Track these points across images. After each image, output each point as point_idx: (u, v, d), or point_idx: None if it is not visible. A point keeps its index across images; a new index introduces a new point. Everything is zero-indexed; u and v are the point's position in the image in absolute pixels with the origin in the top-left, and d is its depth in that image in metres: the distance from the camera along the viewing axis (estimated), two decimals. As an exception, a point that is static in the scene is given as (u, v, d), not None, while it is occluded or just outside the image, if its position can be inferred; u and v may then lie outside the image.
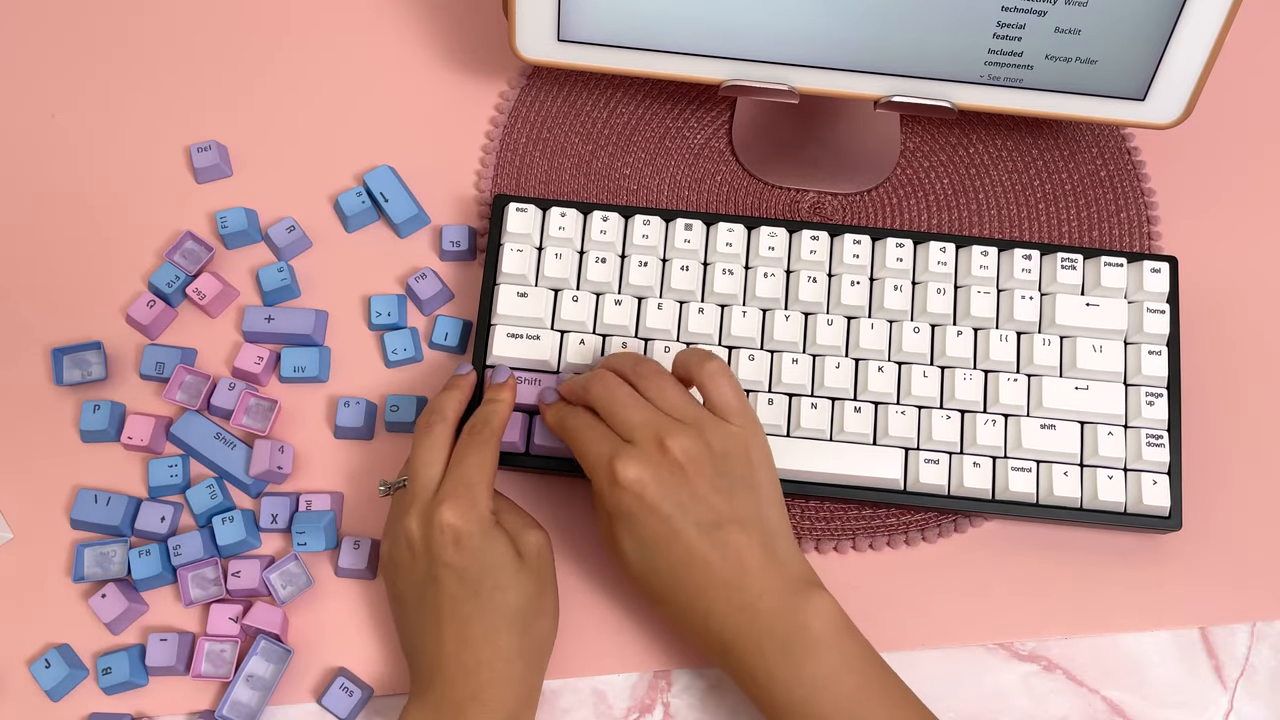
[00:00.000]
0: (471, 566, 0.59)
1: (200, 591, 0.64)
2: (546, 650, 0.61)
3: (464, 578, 0.59)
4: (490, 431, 0.62)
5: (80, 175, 0.75)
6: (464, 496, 0.59)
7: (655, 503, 0.58)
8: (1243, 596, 0.67)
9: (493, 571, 0.59)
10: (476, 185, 0.75)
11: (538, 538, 0.61)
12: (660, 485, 0.58)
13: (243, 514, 0.65)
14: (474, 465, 0.61)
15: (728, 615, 0.58)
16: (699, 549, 0.58)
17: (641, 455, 0.58)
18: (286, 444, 0.67)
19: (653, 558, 0.59)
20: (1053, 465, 0.66)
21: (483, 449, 0.61)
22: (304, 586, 0.64)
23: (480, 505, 0.60)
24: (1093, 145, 0.76)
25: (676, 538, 0.58)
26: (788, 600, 0.58)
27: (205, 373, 0.68)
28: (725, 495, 0.59)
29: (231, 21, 0.79)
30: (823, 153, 0.75)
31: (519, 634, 0.59)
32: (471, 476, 0.60)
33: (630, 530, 0.59)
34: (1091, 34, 0.65)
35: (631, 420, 0.59)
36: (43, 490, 0.68)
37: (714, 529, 0.58)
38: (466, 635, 0.58)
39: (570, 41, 0.68)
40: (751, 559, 0.58)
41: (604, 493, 0.59)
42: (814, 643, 0.57)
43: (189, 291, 0.70)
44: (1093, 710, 0.65)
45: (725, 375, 0.61)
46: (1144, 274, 0.68)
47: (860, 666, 0.58)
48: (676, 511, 0.58)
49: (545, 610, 0.61)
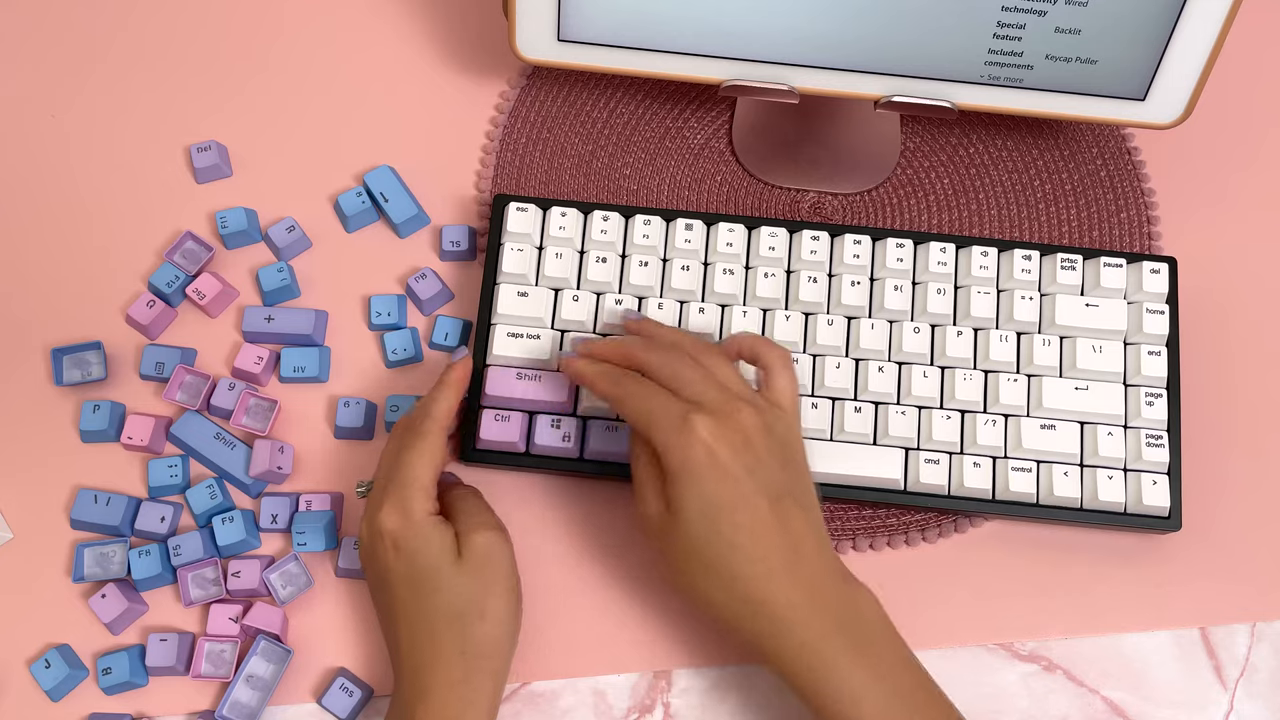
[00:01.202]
0: (409, 569, 0.59)
1: (200, 591, 0.64)
2: (496, 653, 0.59)
3: (405, 579, 0.59)
4: (430, 423, 0.61)
5: (80, 175, 0.75)
6: (396, 499, 0.59)
7: (728, 462, 0.57)
8: (1243, 596, 0.67)
9: (428, 573, 0.59)
10: (476, 185, 0.75)
11: (485, 539, 0.60)
12: (732, 446, 0.57)
13: (243, 514, 0.65)
14: (408, 464, 0.60)
15: (784, 589, 0.57)
16: (763, 513, 0.57)
17: (714, 414, 0.57)
18: (286, 444, 0.67)
19: (715, 518, 0.57)
20: (1053, 465, 0.66)
21: (418, 444, 0.61)
22: (304, 587, 0.64)
23: (414, 507, 0.59)
24: (1093, 145, 0.76)
25: (744, 498, 0.57)
26: (842, 584, 0.58)
27: (205, 373, 0.68)
28: (787, 473, 0.58)
29: (232, 22, 0.79)
30: (823, 153, 0.75)
31: (458, 635, 0.58)
32: (405, 476, 0.60)
33: (696, 486, 0.57)
34: (1091, 34, 0.65)
35: (699, 389, 0.59)
36: (43, 490, 0.68)
37: (778, 500, 0.57)
38: (413, 633, 0.59)
39: (570, 41, 0.68)
40: (809, 538, 0.58)
41: (672, 449, 0.57)
42: (872, 631, 0.57)
43: (189, 291, 0.70)
44: (1093, 710, 0.65)
45: (791, 367, 0.61)
46: (1144, 274, 0.68)
47: (911, 663, 0.58)
48: (746, 474, 0.57)
49: (489, 612, 0.59)
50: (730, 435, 0.57)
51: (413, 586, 0.59)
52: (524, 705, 0.64)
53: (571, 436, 0.66)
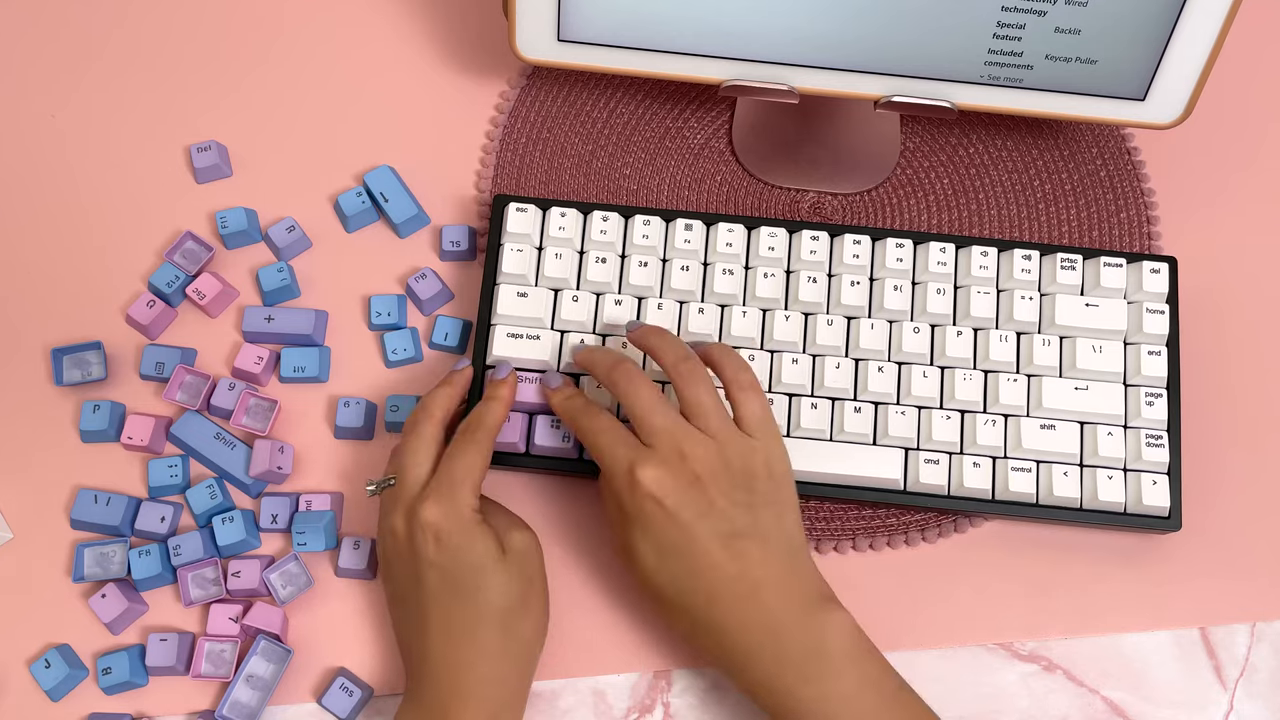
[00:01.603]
0: (453, 565, 0.59)
1: (200, 591, 0.64)
2: (532, 651, 0.61)
3: (446, 576, 0.59)
4: (484, 431, 0.62)
5: (80, 175, 0.75)
6: (446, 495, 0.59)
7: (675, 509, 0.58)
8: (1243, 596, 0.67)
9: (474, 570, 0.59)
10: (476, 185, 0.75)
11: (523, 537, 0.61)
12: (679, 493, 0.58)
13: (243, 514, 0.65)
14: (461, 465, 0.60)
15: (744, 630, 0.58)
16: (715, 557, 0.58)
17: (661, 462, 0.58)
18: (286, 444, 0.67)
19: (669, 564, 0.59)
20: (1053, 465, 0.66)
21: (472, 448, 0.61)
22: (304, 587, 0.64)
23: (462, 504, 0.59)
24: (1093, 145, 0.76)
25: (693, 544, 0.58)
26: (806, 617, 0.58)
27: (205, 373, 0.68)
28: (745, 509, 0.59)
29: (232, 21, 0.79)
30: (823, 153, 0.75)
31: (501, 633, 0.59)
32: (457, 475, 0.60)
33: (647, 535, 0.59)
34: (1091, 34, 0.65)
35: (655, 425, 0.59)
36: (43, 490, 0.68)
37: (731, 539, 0.58)
38: (450, 633, 0.58)
39: (570, 41, 0.68)
40: (770, 572, 0.58)
41: (623, 496, 0.59)
42: (834, 661, 0.57)
43: (189, 291, 0.70)
44: (1093, 710, 0.65)
45: (756, 390, 0.61)
46: (1143, 274, 0.68)
47: (879, 683, 0.58)
48: (694, 519, 0.58)
49: (530, 611, 0.60)
50: (676, 481, 0.58)
51: (452, 583, 0.59)
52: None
53: (571, 437, 0.66)
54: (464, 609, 0.59)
